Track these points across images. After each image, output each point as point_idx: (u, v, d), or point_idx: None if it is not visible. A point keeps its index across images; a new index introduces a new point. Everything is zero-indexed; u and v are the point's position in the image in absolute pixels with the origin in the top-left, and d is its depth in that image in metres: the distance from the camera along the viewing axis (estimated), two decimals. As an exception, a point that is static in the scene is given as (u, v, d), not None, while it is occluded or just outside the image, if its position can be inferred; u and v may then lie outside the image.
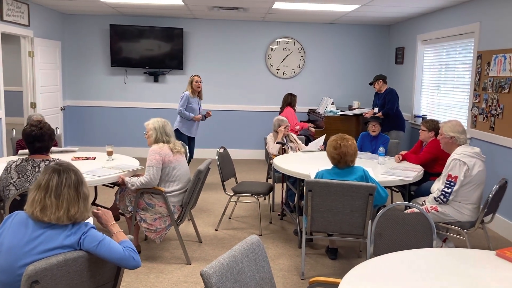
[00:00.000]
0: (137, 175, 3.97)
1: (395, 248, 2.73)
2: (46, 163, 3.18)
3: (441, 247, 4.06)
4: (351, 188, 3.51)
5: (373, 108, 6.92)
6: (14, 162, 3.17)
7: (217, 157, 4.69)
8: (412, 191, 4.81)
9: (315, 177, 3.70)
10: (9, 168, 3.15)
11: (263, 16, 7.72)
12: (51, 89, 7.45)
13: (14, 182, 3.11)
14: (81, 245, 2.07)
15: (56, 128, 6.91)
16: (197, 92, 6.32)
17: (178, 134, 6.29)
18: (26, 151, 4.55)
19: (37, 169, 3.14)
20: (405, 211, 3.29)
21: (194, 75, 6.33)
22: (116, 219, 4.34)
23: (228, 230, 4.77)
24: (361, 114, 7.20)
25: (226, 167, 4.84)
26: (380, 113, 6.60)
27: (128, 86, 8.36)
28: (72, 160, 4.49)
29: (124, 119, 8.33)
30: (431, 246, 2.87)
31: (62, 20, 8.05)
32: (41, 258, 1.99)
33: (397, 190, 5.11)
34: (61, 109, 7.85)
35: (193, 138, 6.46)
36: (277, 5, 6.45)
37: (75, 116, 8.39)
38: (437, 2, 5.86)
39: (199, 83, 6.27)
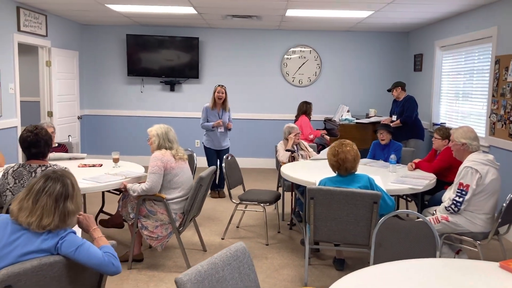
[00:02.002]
0: (140, 182, 3.94)
1: (396, 259, 2.59)
2: (43, 169, 3.17)
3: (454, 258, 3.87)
4: (354, 196, 3.38)
5: (391, 116, 6.76)
6: (11, 167, 3.17)
7: (223, 165, 4.63)
8: (426, 200, 4.63)
9: (318, 185, 3.59)
10: (6, 174, 3.15)
11: (278, 25, 7.67)
12: (68, 98, 7.56)
13: (10, 187, 3.11)
14: (58, 249, 2.02)
15: (69, 136, 6.99)
16: (219, 104, 6.17)
17: (205, 150, 6.26)
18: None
19: (33, 175, 3.14)
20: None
21: (218, 85, 6.16)
22: (120, 226, 4.32)
23: (234, 239, 4.69)
24: (377, 122, 7.03)
25: (233, 175, 4.77)
26: (398, 121, 6.44)
27: (145, 95, 8.42)
28: (79, 166, 4.51)
29: (140, 128, 8.37)
30: (434, 257, 2.72)
31: (81, 30, 8.19)
32: (17, 262, 1.95)
33: (410, 199, 4.94)
34: (78, 118, 7.95)
35: (222, 151, 6.21)
36: (290, 12, 6.39)
37: (93, 125, 8.49)
38: (453, 6, 5.69)
39: (221, 94, 6.09)
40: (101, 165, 4.61)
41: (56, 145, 5.21)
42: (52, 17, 7.00)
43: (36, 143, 3.12)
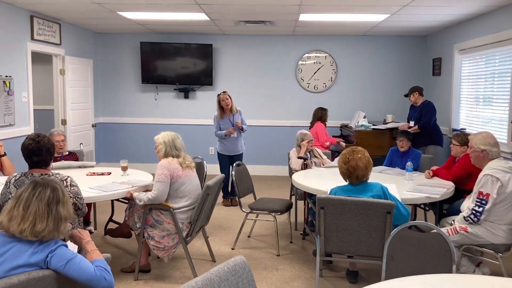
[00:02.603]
0: (147, 191, 3.85)
1: (409, 273, 2.44)
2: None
3: (474, 272, 3.68)
4: (366, 205, 3.23)
5: (409, 122, 6.57)
6: (14, 176, 3.12)
7: (233, 173, 4.52)
8: (444, 209, 4.43)
9: (329, 194, 3.44)
10: (8, 183, 3.10)
11: (293, 30, 7.56)
12: (82, 106, 7.57)
13: (12, 196, 3.05)
14: (48, 263, 1.93)
15: (80, 144, 6.98)
16: (228, 110, 6.09)
17: (218, 157, 6.17)
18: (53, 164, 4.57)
19: (35, 184, 3.07)
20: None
21: (220, 94, 6.08)
22: (128, 236, 4.24)
23: (245, 249, 4.56)
24: (395, 128, 6.84)
25: (243, 183, 4.66)
26: (416, 127, 6.24)
27: (159, 103, 8.39)
28: (87, 175, 4.45)
29: (155, 136, 8.31)
30: (450, 271, 2.55)
31: (95, 38, 8.22)
32: (6, 276, 1.87)
33: (427, 208, 4.75)
34: (93, 126, 7.96)
35: (236, 157, 6.11)
36: (303, 17, 6.27)
37: (107, 132, 8.49)
38: (472, 8, 5.50)
39: (226, 101, 6.01)
40: (109, 173, 4.54)
41: (67, 153, 5.18)
42: (66, 26, 7.02)
43: (38, 151, 3.06)
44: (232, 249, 4.56)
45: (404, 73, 8.19)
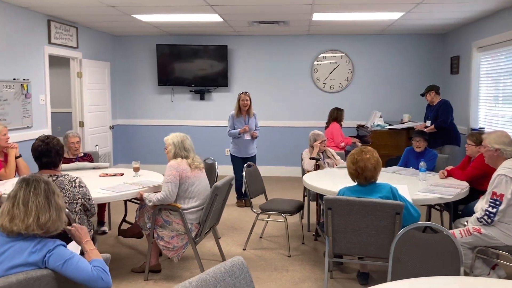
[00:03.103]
0: (157, 191, 3.87)
1: (415, 275, 2.38)
2: (54, 179, 3.15)
3: (488, 275, 3.58)
4: (374, 206, 3.18)
5: (425, 121, 6.46)
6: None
7: (244, 173, 4.51)
8: (460, 210, 4.33)
9: (337, 195, 3.40)
10: (18, 184, 3.15)
11: (307, 30, 7.52)
12: (100, 108, 7.67)
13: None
14: (46, 263, 1.95)
15: (96, 145, 7.06)
16: (245, 111, 6.10)
17: (231, 158, 6.18)
18: (64, 165, 4.65)
19: (44, 185, 3.12)
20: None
21: (241, 93, 6.11)
22: (139, 236, 4.26)
23: (256, 250, 4.54)
24: (411, 128, 6.73)
25: (253, 184, 4.64)
26: (432, 126, 6.13)
27: (175, 105, 8.45)
28: (100, 176, 4.51)
29: (170, 137, 8.38)
30: (457, 274, 2.49)
31: (113, 41, 8.33)
32: (4, 276, 1.89)
33: (441, 209, 4.65)
34: (110, 127, 8.06)
35: (249, 159, 6.07)
36: (316, 16, 6.23)
37: (125, 134, 8.59)
38: (488, 4, 5.37)
39: (245, 102, 6.02)
40: (122, 175, 4.59)
41: (82, 154, 5.25)
42: (82, 29, 7.13)
43: (47, 152, 3.11)
44: (243, 249, 4.55)
45: (422, 72, 8.05)
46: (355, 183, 3.43)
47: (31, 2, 5.37)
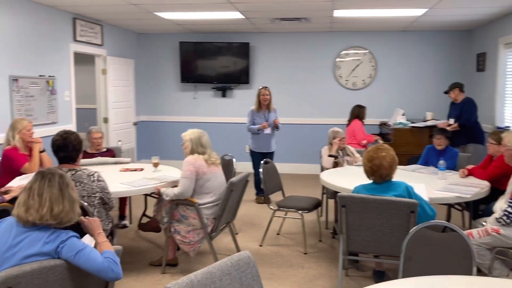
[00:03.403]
0: (174, 187, 3.94)
1: (427, 274, 2.36)
2: (73, 173, 3.24)
3: (507, 276, 3.51)
4: (389, 204, 3.15)
5: (448, 119, 6.34)
6: (44, 171, 3.27)
7: (261, 170, 4.53)
8: (481, 210, 4.25)
9: (352, 192, 3.39)
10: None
11: (329, 26, 7.47)
12: (124, 105, 7.81)
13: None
14: (59, 253, 2.02)
15: (119, 141, 7.20)
16: (265, 106, 6.14)
17: (250, 154, 6.22)
18: (84, 160, 4.78)
19: (63, 178, 3.22)
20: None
21: (261, 88, 6.18)
22: (157, 230, 4.34)
23: (273, 246, 4.57)
24: (434, 126, 6.62)
25: (270, 180, 4.66)
26: (456, 125, 6.02)
27: (198, 101, 8.53)
28: (121, 171, 4.60)
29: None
30: (470, 273, 2.45)
31: (137, 39, 8.47)
32: (20, 264, 1.97)
33: (462, 209, 4.57)
34: (134, 124, 8.20)
35: (268, 154, 6.10)
36: (337, 13, 6.19)
37: (148, 130, 8.72)
38: (516, -1, 5.24)
39: (266, 96, 6.08)
40: (142, 170, 4.68)
41: (105, 149, 5.37)
42: (107, 27, 7.27)
43: (64, 147, 3.20)
44: (260, 245, 4.58)
45: (447, 69, 7.90)
46: (371, 181, 3.41)
47: (57, 1, 5.51)
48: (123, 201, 5.22)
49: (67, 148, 3.20)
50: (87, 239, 2.27)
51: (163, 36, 8.49)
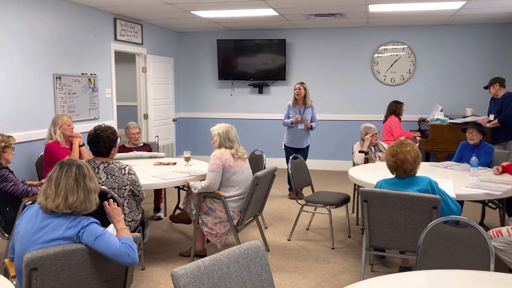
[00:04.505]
0: (203, 180, 4.06)
1: (443, 268, 2.35)
2: (105, 165, 3.42)
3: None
4: (411, 199, 3.13)
5: (488, 115, 6.15)
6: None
7: (288, 165, 4.58)
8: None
9: (375, 187, 3.39)
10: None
11: (366, 22, 7.39)
12: (163, 102, 8.06)
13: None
14: (80, 238, 2.17)
15: (156, 136, 7.42)
16: (300, 101, 6.19)
17: (284, 148, 6.30)
18: (120, 154, 5.01)
19: (96, 170, 3.40)
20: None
21: (297, 83, 6.25)
22: (187, 222, 4.48)
23: (301, 241, 4.61)
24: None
25: (299, 176, 4.70)
26: (496, 121, 5.83)
27: (235, 98, 8.66)
28: (155, 164, 4.79)
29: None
30: (487, 269, 2.41)
31: (177, 37, 8.69)
32: (44, 247, 2.13)
33: (494, 207, 4.44)
34: (173, 120, 8.43)
35: (302, 150, 6.17)
36: (372, 8, 6.12)
37: (187, 127, 8.95)
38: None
39: (298, 90, 6.14)
40: (175, 163, 4.84)
41: (142, 144, 5.58)
42: (147, 26, 7.52)
43: (95, 143, 3.38)
44: (288, 240, 4.63)
45: (488, 63, 7.63)
46: (393, 176, 3.39)
47: (98, 2, 5.76)
48: (158, 194, 5.41)
49: (98, 144, 3.38)
50: (111, 228, 2.41)
51: (201, 35, 8.67)
